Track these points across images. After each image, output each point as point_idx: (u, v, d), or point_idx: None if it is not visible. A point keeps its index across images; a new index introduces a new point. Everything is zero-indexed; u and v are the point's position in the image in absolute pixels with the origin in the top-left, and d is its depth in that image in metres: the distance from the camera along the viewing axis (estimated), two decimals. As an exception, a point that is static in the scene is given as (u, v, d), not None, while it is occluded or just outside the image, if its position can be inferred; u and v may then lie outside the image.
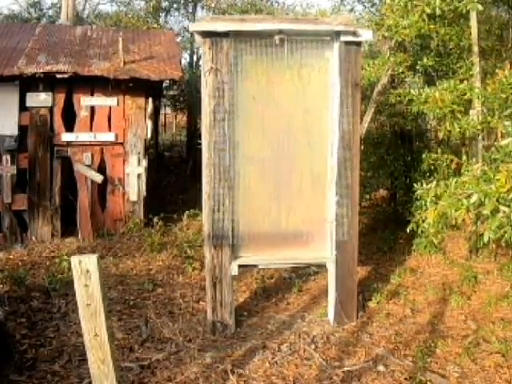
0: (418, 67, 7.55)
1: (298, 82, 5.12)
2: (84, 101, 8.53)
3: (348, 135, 5.08)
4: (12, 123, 8.20)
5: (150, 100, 8.74)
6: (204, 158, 5.02)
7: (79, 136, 8.47)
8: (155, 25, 14.69)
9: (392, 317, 5.44)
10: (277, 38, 4.90)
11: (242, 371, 4.33)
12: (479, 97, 6.36)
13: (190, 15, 16.18)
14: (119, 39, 8.82)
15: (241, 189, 5.08)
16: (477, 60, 6.90)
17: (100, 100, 8.60)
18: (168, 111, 18.65)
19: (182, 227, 8.71)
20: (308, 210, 5.21)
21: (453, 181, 4.28)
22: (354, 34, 4.94)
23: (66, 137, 8.44)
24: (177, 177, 13.26)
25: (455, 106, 6.28)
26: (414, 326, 5.23)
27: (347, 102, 5.05)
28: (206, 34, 4.89)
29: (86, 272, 2.78)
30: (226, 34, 4.88)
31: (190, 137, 15.11)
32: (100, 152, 8.59)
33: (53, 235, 8.36)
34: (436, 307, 5.69)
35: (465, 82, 6.63)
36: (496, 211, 3.75)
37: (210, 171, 4.97)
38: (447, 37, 7.23)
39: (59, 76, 8.15)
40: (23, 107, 8.28)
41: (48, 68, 8.20)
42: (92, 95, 8.59)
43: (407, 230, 5.35)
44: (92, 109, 8.60)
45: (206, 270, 5.15)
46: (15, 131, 8.21)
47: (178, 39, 12.64)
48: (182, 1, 15.94)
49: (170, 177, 13.16)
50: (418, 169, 7.81)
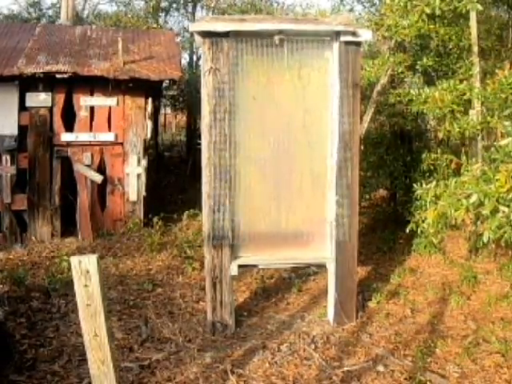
0: (417, 67, 7.55)
1: (297, 81, 5.13)
2: (84, 101, 8.54)
3: (348, 135, 5.08)
4: (12, 123, 8.20)
5: (150, 100, 8.75)
6: (204, 158, 5.02)
7: (79, 136, 8.48)
8: (155, 25, 14.70)
9: (392, 317, 5.44)
10: (276, 38, 4.91)
11: (241, 371, 4.33)
12: (479, 97, 6.37)
13: (189, 15, 16.22)
14: (119, 39, 8.83)
15: (241, 189, 5.08)
16: (476, 60, 6.90)
17: (100, 100, 8.60)
18: (168, 111, 18.64)
19: (181, 227, 8.72)
20: (308, 210, 5.21)
21: (452, 181, 4.29)
22: (353, 34, 4.94)
23: (66, 137, 8.45)
24: (176, 177, 13.26)
25: (455, 106, 6.29)
26: (413, 326, 5.23)
27: (347, 102, 5.05)
28: (205, 34, 4.89)
29: (85, 272, 2.78)
30: (225, 34, 4.89)
31: (190, 137, 15.11)
32: (100, 152, 8.60)
33: (52, 235, 8.36)
34: (436, 307, 5.69)
35: (464, 82, 6.63)
36: (495, 211, 3.75)
37: (209, 171, 4.97)
38: (447, 37, 7.23)
39: (59, 76, 8.15)
40: (23, 107, 8.29)
41: (48, 68, 8.20)
42: (92, 95, 8.59)
43: (407, 230, 5.34)
44: (92, 109, 8.61)
45: (206, 270, 5.15)
46: (15, 131, 8.22)
47: (178, 39, 12.62)
48: (182, 1, 15.96)
49: (170, 177, 13.16)
50: (418, 169, 7.82)
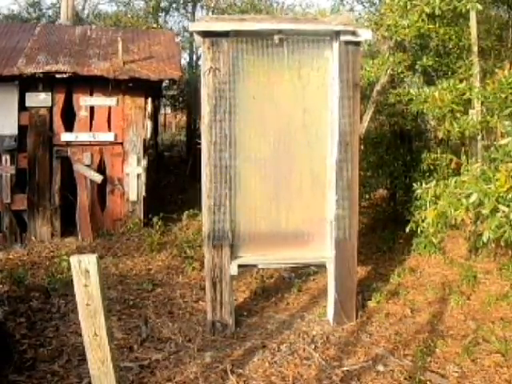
0: (417, 67, 7.54)
1: (297, 81, 5.12)
2: (83, 101, 8.54)
3: (347, 135, 5.07)
4: (11, 123, 8.20)
5: (150, 100, 8.75)
6: (204, 158, 5.02)
7: (79, 136, 8.48)
8: (155, 25, 14.71)
9: (391, 316, 5.44)
10: (276, 38, 4.90)
11: (241, 371, 4.32)
12: (479, 96, 6.37)
13: (189, 15, 16.23)
14: (119, 39, 8.83)
15: (240, 189, 5.07)
16: (476, 60, 6.90)
17: (99, 100, 8.60)
18: (168, 111, 18.64)
19: (181, 227, 8.73)
20: (308, 210, 5.21)
21: (452, 180, 4.29)
22: (353, 33, 4.94)
23: (66, 137, 8.45)
24: (176, 177, 13.25)
25: (455, 106, 6.29)
26: (413, 326, 5.22)
27: (347, 102, 5.05)
28: (205, 34, 4.89)
29: (85, 272, 2.78)
30: (225, 34, 4.88)
31: (190, 137, 15.10)
32: (99, 152, 8.60)
33: (52, 235, 8.36)
34: (435, 307, 5.69)
35: (464, 81, 6.63)
36: (495, 211, 3.75)
37: (209, 171, 4.97)
38: (447, 36, 7.23)
39: (59, 76, 8.15)
40: (23, 107, 8.29)
41: (47, 68, 8.19)
42: (91, 95, 8.59)
43: (407, 230, 5.33)
44: (91, 109, 8.60)
45: (206, 269, 5.15)
46: (15, 131, 8.22)
47: (178, 39, 12.63)
48: (182, 1, 15.96)
49: (170, 177, 13.15)
50: (418, 168, 7.81)
